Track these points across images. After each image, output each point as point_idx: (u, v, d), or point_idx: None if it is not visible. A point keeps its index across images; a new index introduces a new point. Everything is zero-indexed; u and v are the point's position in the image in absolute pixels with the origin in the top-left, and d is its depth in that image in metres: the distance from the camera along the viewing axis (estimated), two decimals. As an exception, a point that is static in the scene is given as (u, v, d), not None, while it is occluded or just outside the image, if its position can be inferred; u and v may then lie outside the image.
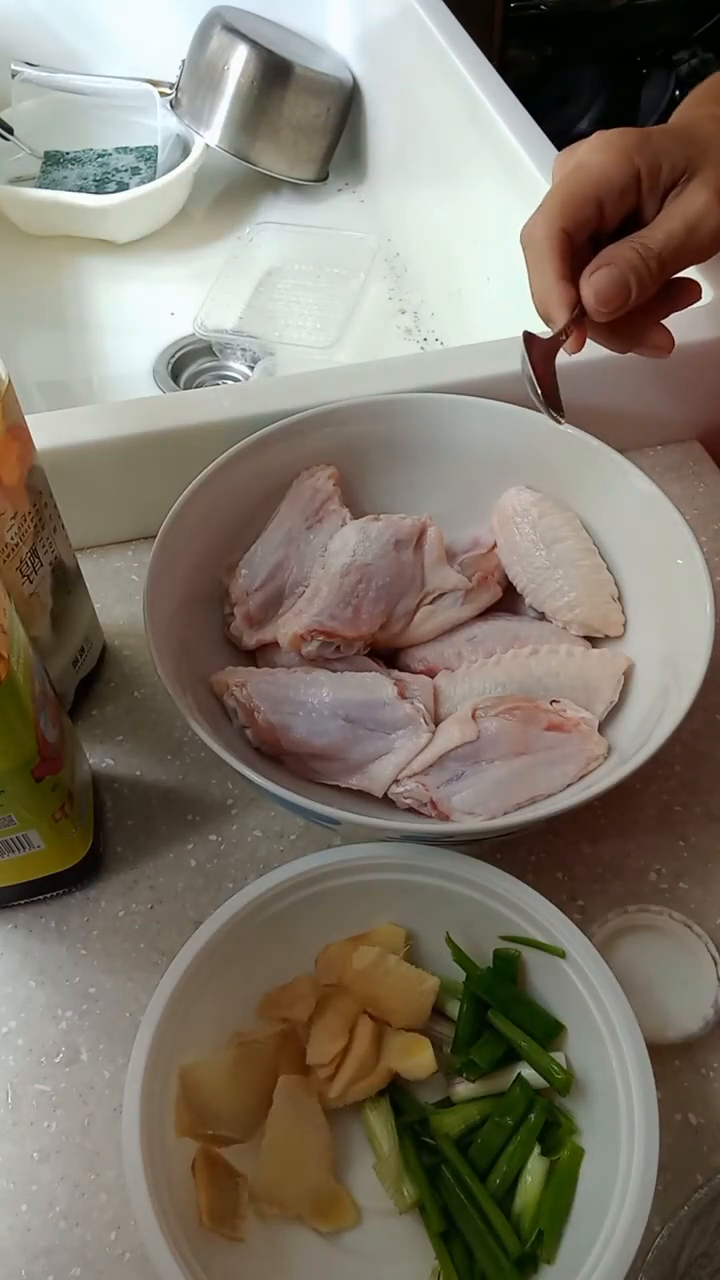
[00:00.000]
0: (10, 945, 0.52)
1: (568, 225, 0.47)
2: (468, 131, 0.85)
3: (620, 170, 0.46)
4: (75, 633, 0.57)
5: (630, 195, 0.47)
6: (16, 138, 1.01)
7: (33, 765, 0.43)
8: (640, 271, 0.46)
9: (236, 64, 0.97)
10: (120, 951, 0.51)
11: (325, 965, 0.47)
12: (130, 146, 1.04)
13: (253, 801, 0.56)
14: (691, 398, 0.70)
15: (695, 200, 0.46)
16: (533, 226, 0.48)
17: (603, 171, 0.47)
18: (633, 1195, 0.38)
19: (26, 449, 0.48)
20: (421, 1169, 0.43)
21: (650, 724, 0.49)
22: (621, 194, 0.47)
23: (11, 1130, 0.47)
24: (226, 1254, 0.41)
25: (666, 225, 0.47)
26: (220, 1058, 0.44)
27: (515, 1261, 0.40)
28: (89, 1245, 0.44)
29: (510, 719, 0.50)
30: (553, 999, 0.45)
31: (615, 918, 0.50)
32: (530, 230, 0.48)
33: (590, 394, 0.64)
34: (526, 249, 0.49)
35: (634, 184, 0.47)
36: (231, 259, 0.98)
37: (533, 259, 0.48)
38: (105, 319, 0.95)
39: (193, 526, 0.54)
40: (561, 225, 0.47)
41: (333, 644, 0.54)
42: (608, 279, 0.46)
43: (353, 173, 1.10)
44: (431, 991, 0.46)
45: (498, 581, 0.59)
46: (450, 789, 0.50)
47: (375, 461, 0.60)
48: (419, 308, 0.96)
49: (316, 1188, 0.43)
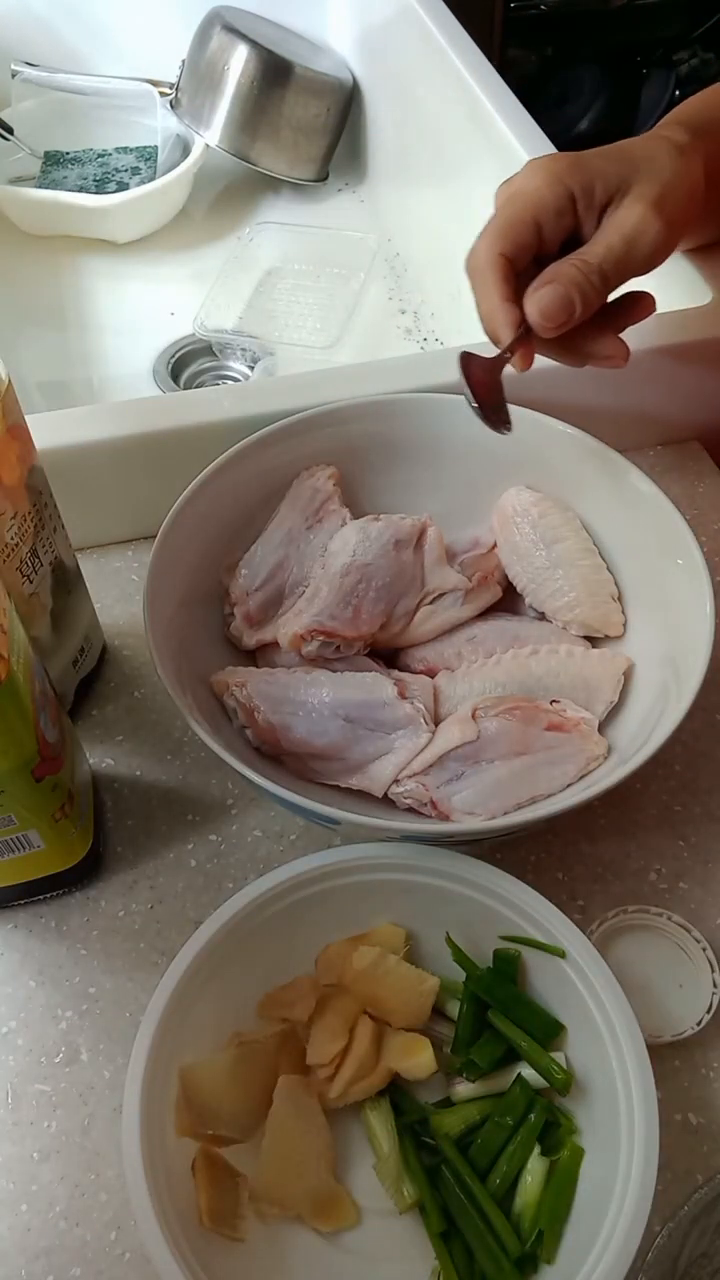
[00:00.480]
0: (10, 945, 0.52)
1: (507, 250, 0.49)
2: (468, 131, 0.85)
3: (554, 192, 0.49)
4: (75, 633, 0.57)
5: (567, 216, 0.49)
6: (16, 138, 1.01)
7: (33, 765, 0.43)
8: (583, 286, 0.48)
9: (236, 64, 0.97)
10: (120, 951, 0.51)
11: (325, 965, 0.47)
12: (130, 146, 1.04)
13: (253, 801, 0.56)
14: (691, 398, 0.70)
15: (631, 214, 0.48)
16: (475, 254, 0.50)
17: (538, 195, 0.49)
18: (633, 1195, 0.38)
19: (26, 449, 0.48)
20: (421, 1169, 0.43)
21: (650, 724, 0.49)
22: (558, 215, 0.49)
23: (11, 1130, 0.47)
24: (226, 1254, 0.41)
25: (605, 240, 0.48)
26: (220, 1058, 0.44)
27: (515, 1261, 0.40)
28: (89, 1245, 0.44)
29: (510, 719, 0.50)
30: (553, 999, 0.45)
31: (613, 917, 0.50)
32: (473, 257, 0.50)
33: (590, 394, 0.64)
34: (471, 276, 0.51)
35: (569, 205, 0.49)
36: (231, 259, 0.98)
37: (477, 284, 0.50)
38: (105, 319, 0.95)
39: (193, 526, 0.54)
40: (501, 250, 0.49)
41: (333, 644, 0.54)
42: (550, 295, 0.48)
43: (353, 173, 1.10)
44: (431, 991, 0.46)
45: (498, 581, 0.59)
46: (450, 789, 0.50)
47: (375, 461, 0.60)
48: (419, 308, 0.96)
49: (316, 1188, 0.43)
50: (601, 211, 0.49)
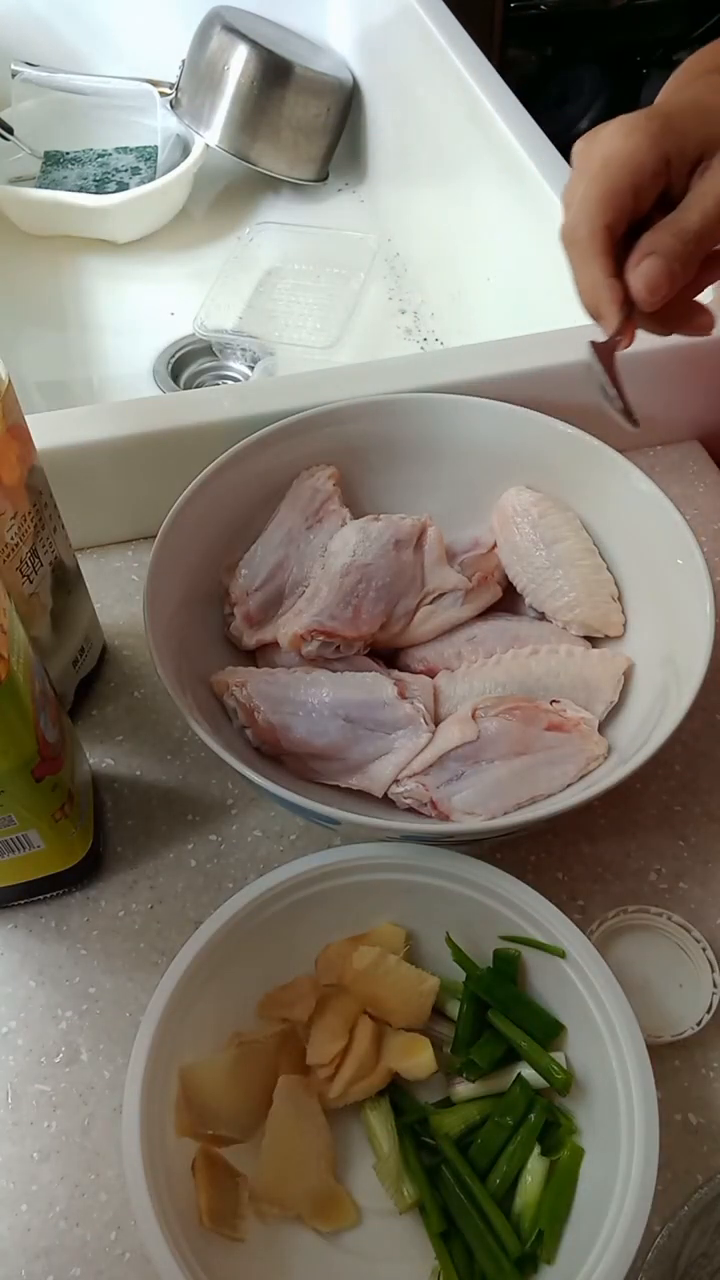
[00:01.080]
0: (10, 945, 0.52)
1: (610, 221, 0.46)
2: (468, 131, 0.85)
3: (651, 156, 0.46)
4: (75, 633, 0.57)
5: (661, 179, 0.47)
6: (16, 138, 1.01)
7: (33, 765, 0.43)
8: (682, 256, 0.46)
9: (236, 64, 0.97)
10: (120, 951, 0.51)
11: (325, 965, 0.47)
12: (130, 146, 1.05)
13: (253, 801, 0.56)
14: (691, 398, 0.70)
15: None
16: (574, 225, 0.47)
17: (636, 161, 0.46)
18: (633, 1195, 0.38)
19: (26, 449, 0.48)
20: (421, 1169, 0.43)
21: (650, 724, 0.49)
22: (654, 178, 0.46)
23: (11, 1130, 0.47)
24: (226, 1254, 0.41)
25: (700, 205, 0.46)
26: (220, 1058, 0.44)
27: (515, 1261, 0.40)
28: (89, 1245, 0.44)
29: (510, 719, 0.50)
30: (553, 999, 0.45)
31: (613, 917, 0.50)
32: (572, 229, 0.48)
33: (590, 394, 0.64)
34: (570, 249, 0.48)
35: (665, 168, 0.46)
36: (231, 259, 0.98)
37: (577, 258, 0.48)
38: (105, 319, 0.95)
39: (193, 526, 0.54)
40: (604, 221, 0.46)
41: (333, 644, 0.54)
42: (654, 269, 0.45)
43: (353, 173, 1.10)
44: (431, 991, 0.46)
45: (498, 581, 0.59)
46: (450, 789, 0.50)
47: (375, 461, 0.60)
48: (419, 308, 0.96)
49: (316, 1188, 0.43)
50: (690, 171, 0.47)
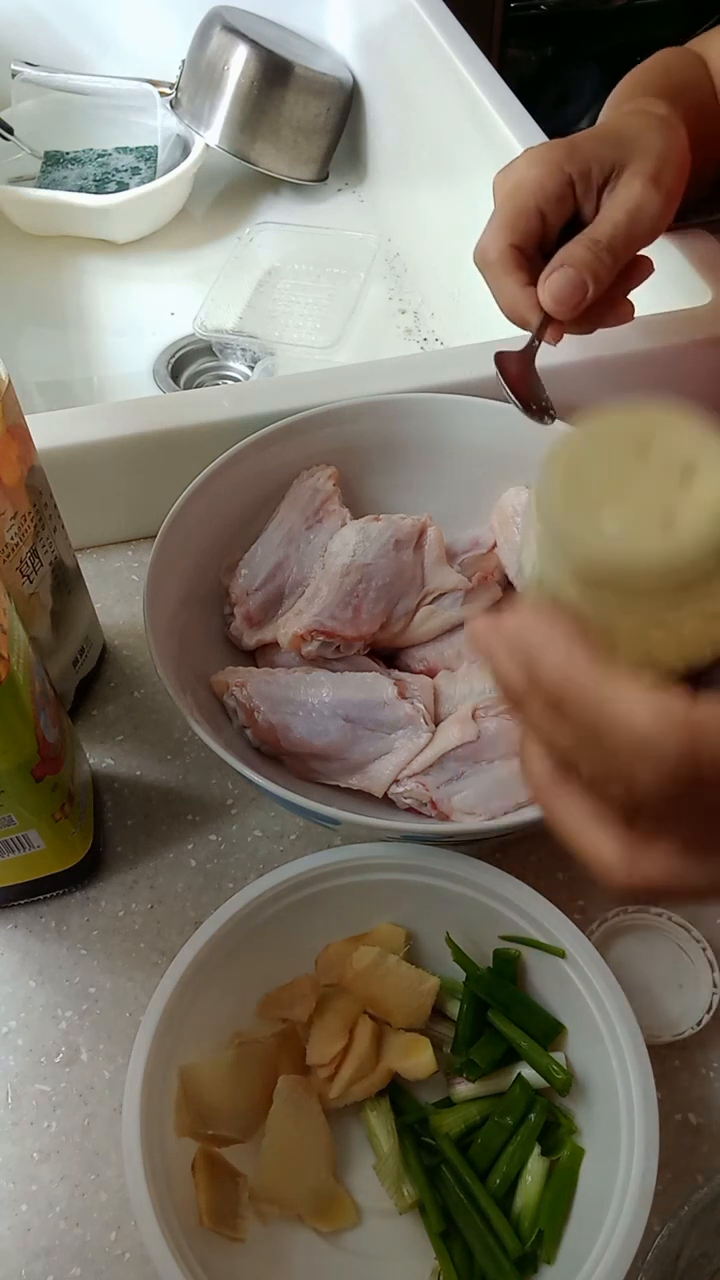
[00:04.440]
0: (10, 945, 0.52)
1: (516, 240, 0.51)
2: (468, 131, 0.85)
3: (555, 180, 0.50)
4: (75, 633, 0.57)
5: (568, 201, 0.51)
6: (16, 138, 1.01)
7: (33, 765, 0.43)
8: (594, 266, 0.49)
9: (236, 64, 0.96)
10: (120, 951, 0.51)
11: (325, 965, 0.47)
12: (130, 146, 1.04)
13: (253, 801, 0.56)
14: (691, 398, 0.70)
15: (631, 190, 0.50)
16: (484, 247, 0.52)
17: (539, 185, 0.50)
18: (633, 1195, 0.38)
19: (26, 449, 0.48)
20: (421, 1169, 0.43)
21: (650, 724, 0.49)
22: (559, 201, 0.51)
23: (11, 1130, 0.47)
24: (226, 1254, 0.41)
25: (610, 217, 0.50)
26: (220, 1058, 0.44)
27: (515, 1261, 0.40)
28: (89, 1245, 0.44)
29: (510, 719, 0.50)
30: (553, 999, 0.45)
31: (613, 918, 0.50)
32: (483, 251, 0.52)
33: (590, 394, 0.64)
34: (484, 269, 0.52)
35: (569, 190, 0.51)
36: (231, 259, 0.98)
37: (491, 277, 0.52)
38: (105, 319, 0.95)
39: (193, 526, 0.54)
40: (510, 241, 0.51)
41: (333, 644, 0.54)
42: (562, 279, 0.49)
43: (353, 173, 1.10)
44: (431, 991, 0.46)
45: (498, 581, 0.59)
46: (450, 789, 0.50)
47: (375, 461, 0.60)
48: (419, 308, 0.96)
49: (316, 1188, 0.43)
50: (599, 192, 0.51)
